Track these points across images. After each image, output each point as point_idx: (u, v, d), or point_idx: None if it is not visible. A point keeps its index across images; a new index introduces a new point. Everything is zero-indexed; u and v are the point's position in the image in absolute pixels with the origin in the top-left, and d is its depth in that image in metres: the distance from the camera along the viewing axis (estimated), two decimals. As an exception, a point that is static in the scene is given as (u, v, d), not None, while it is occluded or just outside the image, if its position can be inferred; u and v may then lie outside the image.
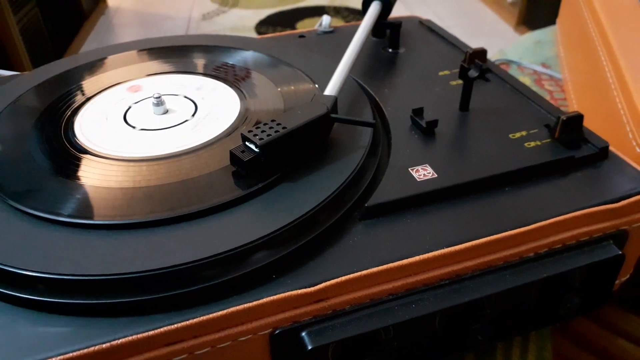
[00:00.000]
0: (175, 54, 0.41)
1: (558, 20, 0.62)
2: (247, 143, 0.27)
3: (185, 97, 0.35)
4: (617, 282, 0.30)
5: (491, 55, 0.64)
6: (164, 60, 0.40)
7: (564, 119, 0.30)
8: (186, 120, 0.32)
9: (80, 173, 0.28)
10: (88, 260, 0.23)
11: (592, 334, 0.44)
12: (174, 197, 0.26)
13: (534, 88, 0.54)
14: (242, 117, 0.32)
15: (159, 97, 0.33)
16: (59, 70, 0.38)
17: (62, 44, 1.62)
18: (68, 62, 0.40)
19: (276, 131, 0.27)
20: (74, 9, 1.77)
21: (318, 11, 1.95)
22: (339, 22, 1.81)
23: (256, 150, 0.26)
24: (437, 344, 0.26)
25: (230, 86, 0.36)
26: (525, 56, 0.60)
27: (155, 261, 0.23)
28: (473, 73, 0.32)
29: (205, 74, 0.37)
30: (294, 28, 1.82)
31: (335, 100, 0.30)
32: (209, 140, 0.30)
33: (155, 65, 0.39)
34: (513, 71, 0.57)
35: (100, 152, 0.30)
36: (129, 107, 0.34)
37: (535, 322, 0.29)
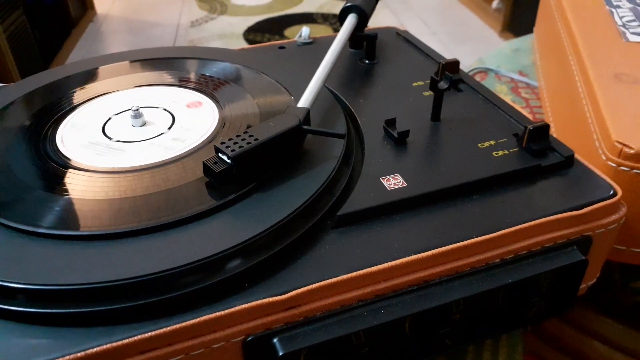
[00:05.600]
0: (156, 66, 0.41)
1: (535, 29, 0.64)
2: (220, 154, 0.28)
3: (164, 109, 0.35)
4: (583, 286, 0.31)
5: (471, 63, 0.65)
6: (144, 72, 0.40)
7: (531, 128, 0.31)
8: (163, 133, 0.33)
9: (57, 185, 0.29)
10: (63, 271, 0.23)
11: (567, 336, 0.45)
12: (147, 208, 0.27)
13: (511, 96, 0.55)
14: (219, 129, 0.33)
15: (137, 110, 0.33)
16: (42, 82, 0.39)
17: (49, 52, 1.61)
18: (51, 74, 0.40)
19: (248, 143, 0.28)
20: (62, 16, 1.77)
21: (306, 18, 1.96)
22: (326, 29, 1.82)
23: (228, 161, 0.27)
24: (407, 349, 0.27)
25: (208, 98, 0.36)
26: (503, 64, 0.61)
27: (128, 271, 0.23)
28: (443, 85, 0.33)
29: (183, 86, 0.38)
30: (282, 35, 1.83)
31: (307, 112, 0.30)
32: (184, 152, 0.31)
33: (135, 77, 0.40)
34: (491, 79, 0.58)
35: (78, 164, 0.30)
36: (109, 119, 0.34)
37: (504, 326, 0.30)
